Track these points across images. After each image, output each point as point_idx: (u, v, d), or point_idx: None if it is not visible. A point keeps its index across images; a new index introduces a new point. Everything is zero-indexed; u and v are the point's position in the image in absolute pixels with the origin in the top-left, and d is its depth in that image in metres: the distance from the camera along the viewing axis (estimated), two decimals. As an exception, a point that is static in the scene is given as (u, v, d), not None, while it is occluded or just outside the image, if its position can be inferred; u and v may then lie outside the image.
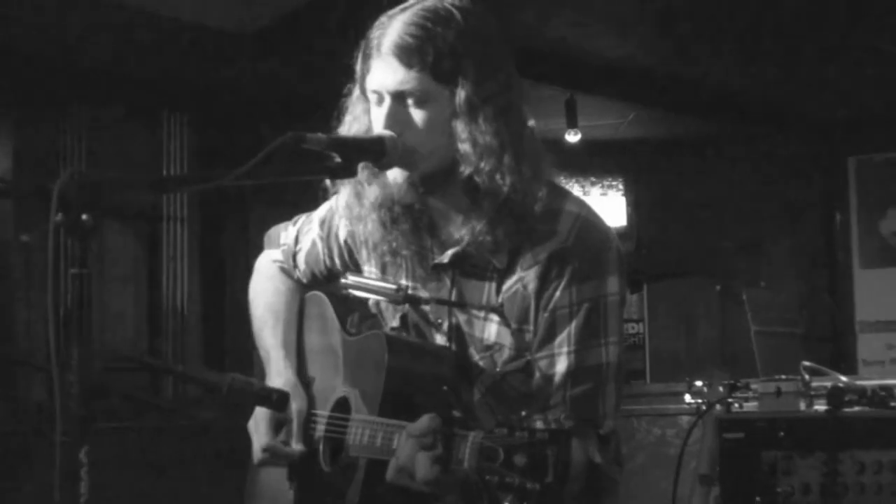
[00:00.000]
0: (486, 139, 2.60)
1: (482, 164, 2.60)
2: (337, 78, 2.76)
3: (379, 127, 2.62)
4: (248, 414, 2.91)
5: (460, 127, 2.60)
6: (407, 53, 2.58)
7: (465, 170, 2.61)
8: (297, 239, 3.06)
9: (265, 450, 2.86)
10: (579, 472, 2.55)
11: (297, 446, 2.85)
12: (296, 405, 2.86)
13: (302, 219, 3.08)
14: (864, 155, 9.05)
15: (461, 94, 2.59)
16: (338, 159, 2.49)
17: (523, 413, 2.21)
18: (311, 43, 6.59)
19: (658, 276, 8.46)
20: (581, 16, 7.02)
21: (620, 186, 9.79)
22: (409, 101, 2.61)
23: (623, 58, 7.90)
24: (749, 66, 7.91)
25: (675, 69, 8.14)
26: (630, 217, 9.68)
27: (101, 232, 6.85)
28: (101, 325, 7.00)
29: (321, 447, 2.83)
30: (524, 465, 2.14)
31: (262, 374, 2.99)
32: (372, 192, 2.72)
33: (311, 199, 2.99)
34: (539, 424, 2.19)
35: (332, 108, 2.78)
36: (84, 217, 2.01)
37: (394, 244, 2.77)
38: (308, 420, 2.88)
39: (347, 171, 2.53)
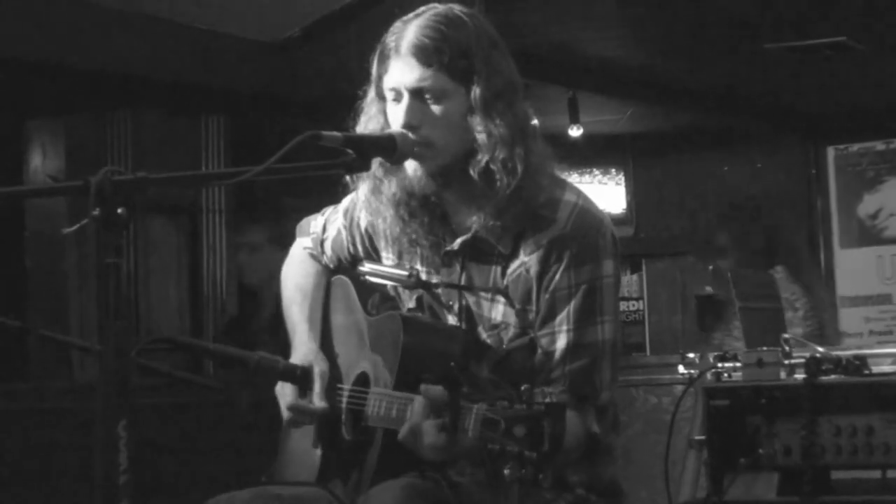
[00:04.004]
0: (501, 131, 2.60)
1: (497, 153, 2.60)
2: (357, 82, 2.76)
3: (398, 122, 2.62)
4: (273, 387, 2.90)
5: (476, 121, 2.60)
6: (425, 53, 2.58)
7: (482, 158, 2.60)
8: (324, 228, 3.05)
9: (290, 408, 2.83)
10: (577, 441, 2.56)
11: (319, 404, 2.81)
12: (318, 368, 2.84)
13: (329, 210, 3.07)
14: (841, 145, 9.01)
15: (476, 91, 2.60)
16: (353, 155, 2.48)
17: (523, 387, 2.20)
18: (334, 50, 6.58)
19: (656, 258, 8.42)
20: (582, 21, 7.00)
21: (620, 176, 9.77)
22: (427, 97, 2.61)
23: (621, 58, 7.88)
24: (738, 67, 7.88)
25: (668, 68, 8.11)
26: (629, 204, 9.65)
27: (146, 225, 6.86)
28: (148, 311, 6.98)
29: (343, 417, 2.82)
30: (523, 435, 2.14)
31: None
32: (389, 188, 2.71)
33: (335, 192, 2.98)
34: (537, 398, 2.18)
35: (349, 109, 2.77)
36: (119, 211, 2.01)
37: (413, 236, 2.76)
38: (330, 380, 2.86)
39: (361, 166, 2.53)
